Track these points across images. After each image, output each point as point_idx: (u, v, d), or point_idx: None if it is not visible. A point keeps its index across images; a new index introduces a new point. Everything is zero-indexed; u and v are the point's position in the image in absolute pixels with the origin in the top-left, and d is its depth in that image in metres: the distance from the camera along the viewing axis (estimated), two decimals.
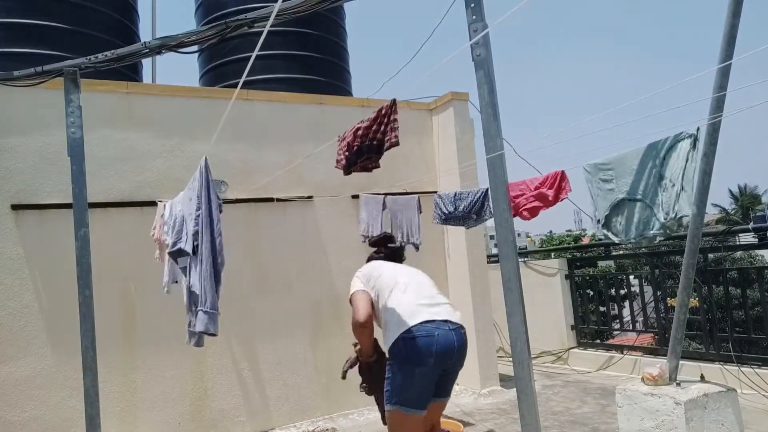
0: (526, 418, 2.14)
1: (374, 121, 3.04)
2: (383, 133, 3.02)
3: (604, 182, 3.38)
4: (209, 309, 2.68)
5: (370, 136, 3.07)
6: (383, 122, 3.00)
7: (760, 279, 5.26)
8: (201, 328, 2.68)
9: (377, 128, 3.03)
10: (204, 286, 2.69)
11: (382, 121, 3.00)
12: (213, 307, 2.69)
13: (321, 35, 6.88)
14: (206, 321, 2.68)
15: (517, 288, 2.17)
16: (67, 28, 5.46)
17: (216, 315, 2.71)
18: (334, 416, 5.11)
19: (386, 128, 3.00)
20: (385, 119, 2.99)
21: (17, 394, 4.11)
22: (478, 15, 2.15)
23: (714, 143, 3.31)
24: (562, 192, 4.11)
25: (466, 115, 5.89)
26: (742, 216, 34.73)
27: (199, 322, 2.69)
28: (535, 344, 5.40)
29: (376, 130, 3.03)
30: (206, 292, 2.69)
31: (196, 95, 5.04)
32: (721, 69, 3.22)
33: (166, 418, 4.55)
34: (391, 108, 2.96)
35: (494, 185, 2.22)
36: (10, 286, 4.19)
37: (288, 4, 2.51)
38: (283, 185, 5.16)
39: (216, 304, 2.71)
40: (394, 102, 2.95)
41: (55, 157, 4.35)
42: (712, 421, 3.26)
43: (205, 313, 2.68)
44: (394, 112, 2.97)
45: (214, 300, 2.70)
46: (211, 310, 2.69)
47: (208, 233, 2.73)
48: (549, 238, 35.94)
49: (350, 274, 5.33)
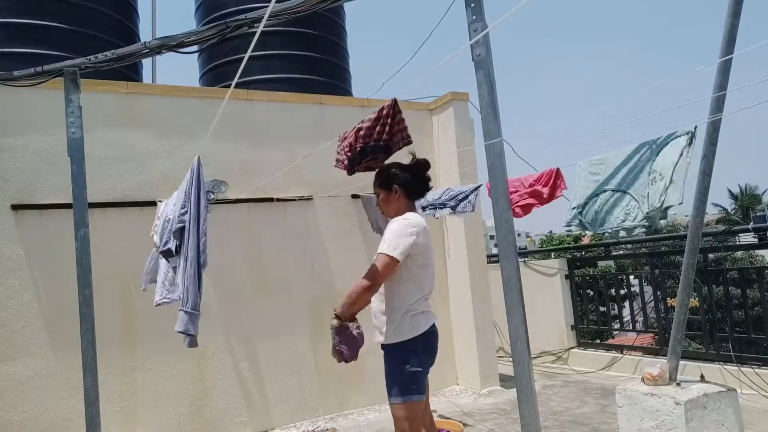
0: (526, 418, 2.14)
1: (376, 121, 3.00)
2: (390, 133, 2.97)
3: (592, 175, 3.42)
4: (190, 309, 2.65)
5: (374, 136, 3.02)
6: (386, 122, 2.96)
7: (760, 279, 5.26)
8: (180, 328, 2.66)
9: (381, 129, 2.98)
10: (187, 286, 2.67)
11: (385, 122, 2.96)
12: (194, 308, 2.67)
13: (321, 35, 6.88)
14: (186, 321, 2.65)
15: (517, 288, 2.17)
16: (67, 28, 5.46)
17: (197, 316, 2.68)
18: (334, 416, 5.11)
19: (393, 129, 2.95)
20: (387, 119, 2.95)
21: (17, 394, 4.11)
22: (478, 15, 2.15)
23: (714, 143, 3.31)
24: (557, 189, 4.13)
25: (466, 115, 5.89)
26: (742, 216, 34.73)
27: (179, 321, 2.66)
28: (535, 344, 5.40)
29: (381, 131, 2.98)
30: (188, 292, 2.66)
31: (196, 95, 5.04)
32: (720, 68, 3.22)
33: (166, 418, 4.55)
34: (394, 108, 2.93)
35: (494, 185, 2.22)
36: (10, 286, 4.19)
37: (288, 4, 2.51)
38: (283, 185, 5.16)
39: (197, 305, 2.68)
40: (395, 102, 2.93)
41: (55, 157, 4.35)
42: (712, 421, 3.26)
43: (186, 313, 2.65)
44: (399, 112, 2.93)
45: (195, 301, 2.67)
46: (192, 311, 2.66)
47: (195, 233, 2.70)
48: (549, 238, 35.92)
49: (350, 274, 5.38)
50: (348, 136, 3.24)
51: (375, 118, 3.01)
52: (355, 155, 3.17)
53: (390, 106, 2.93)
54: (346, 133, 3.32)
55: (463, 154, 5.73)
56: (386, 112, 2.94)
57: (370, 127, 3.03)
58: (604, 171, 3.34)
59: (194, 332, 2.67)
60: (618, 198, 3.19)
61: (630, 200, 3.10)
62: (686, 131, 2.93)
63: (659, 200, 2.89)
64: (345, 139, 3.29)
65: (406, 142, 2.96)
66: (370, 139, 3.04)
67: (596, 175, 3.38)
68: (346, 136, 3.30)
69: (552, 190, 4.12)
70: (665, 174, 2.91)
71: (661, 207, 2.88)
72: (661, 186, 2.92)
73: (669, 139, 2.97)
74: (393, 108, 2.93)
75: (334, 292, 5.33)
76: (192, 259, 2.69)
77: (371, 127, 3.03)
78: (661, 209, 2.89)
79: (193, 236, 2.71)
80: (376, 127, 3.00)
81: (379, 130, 2.99)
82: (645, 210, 2.96)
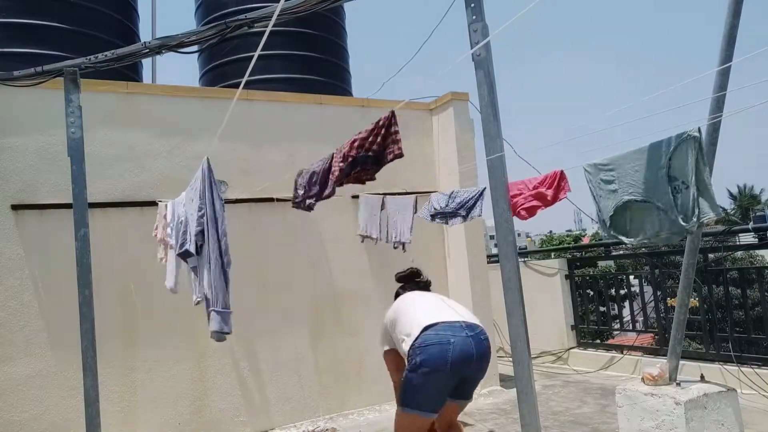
0: (526, 418, 2.14)
1: (371, 132, 2.99)
2: (381, 145, 2.94)
3: (606, 183, 3.34)
4: (221, 308, 2.75)
5: (366, 146, 3.01)
6: (380, 133, 2.93)
7: (760, 279, 5.26)
8: (215, 328, 2.77)
9: (374, 139, 2.96)
10: (215, 286, 2.75)
11: (379, 132, 2.93)
12: (225, 306, 2.77)
13: (321, 35, 6.88)
14: (219, 320, 2.77)
15: (517, 288, 2.17)
16: (67, 28, 5.46)
17: (228, 314, 2.79)
18: (334, 416, 5.11)
19: (386, 141, 2.93)
20: (382, 130, 2.92)
21: (17, 394, 4.11)
22: (478, 15, 2.16)
23: (714, 143, 3.31)
24: (561, 192, 4.10)
25: (466, 115, 5.89)
26: (741, 216, 34.74)
27: (213, 321, 2.77)
28: (535, 344, 5.39)
29: (373, 141, 2.96)
30: (217, 292, 2.76)
31: (196, 95, 5.04)
32: (720, 69, 3.22)
33: (166, 418, 4.55)
34: (391, 120, 2.91)
35: (494, 185, 2.22)
36: (10, 286, 4.19)
37: (288, 4, 2.51)
38: (283, 185, 5.16)
39: (228, 303, 2.79)
40: (393, 114, 2.90)
41: (55, 157, 4.35)
42: (712, 421, 3.26)
43: (218, 313, 2.75)
44: (395, 124, 2.91)
45: (225, 299, 2.78)
46: (224, 309, 2.76)
47: (215, 234, 2.78)
48: (549, 238, 35.91)
49: (350, 273, 5.40)
50: (343, 148, 3.24)
51: (371, 130, 2.99)
52: (346, 166, 3.17)
53: (387, 118, 2.91)
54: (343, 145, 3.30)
55: (463, 153, 5.73)
56: (382, 123, 2.92)
57: (365, 138, 3.02)
58: (618, 178, 3.25)
59: (229, 330, 2.76)
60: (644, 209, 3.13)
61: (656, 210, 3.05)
62: (692, 135, 2.89)
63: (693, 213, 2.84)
64: (340, 151, 3.28)
65: (397, 155, 2.92)
66: (362, 149, 3.03)
67: (610, 183, 3.31)
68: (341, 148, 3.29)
69: (556, 192, 4.10)
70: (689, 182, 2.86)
71: (698, 220, 2.84)
72: (689, 195, 2.86)
73: (679, 141, 2.93)
74: (390, 119, 2.90)
75: (334, 291, 5.33)
76: (216, 259, 2.76)
77: (365, 138, 3.01)
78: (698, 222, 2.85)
79: (212, 237, 2.77)
80: (369, 138, 2.99)
81: (371, 140, 2.97)
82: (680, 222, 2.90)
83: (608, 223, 3.34)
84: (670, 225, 2.99)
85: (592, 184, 3.43)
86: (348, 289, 5.36)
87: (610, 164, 3.33)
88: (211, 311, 2.78)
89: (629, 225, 3.26)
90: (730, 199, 39.08)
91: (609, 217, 3.32)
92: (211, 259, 2.77)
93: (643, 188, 3.11)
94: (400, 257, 4.73)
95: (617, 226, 3.32)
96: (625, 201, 3.22)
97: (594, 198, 3.45)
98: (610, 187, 3.30)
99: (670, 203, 2.96)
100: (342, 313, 5.34)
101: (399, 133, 2.90)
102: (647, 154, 3.10)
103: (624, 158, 3.26)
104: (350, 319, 5.35)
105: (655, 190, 3.04)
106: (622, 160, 3.26)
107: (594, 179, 3.41)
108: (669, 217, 2.99)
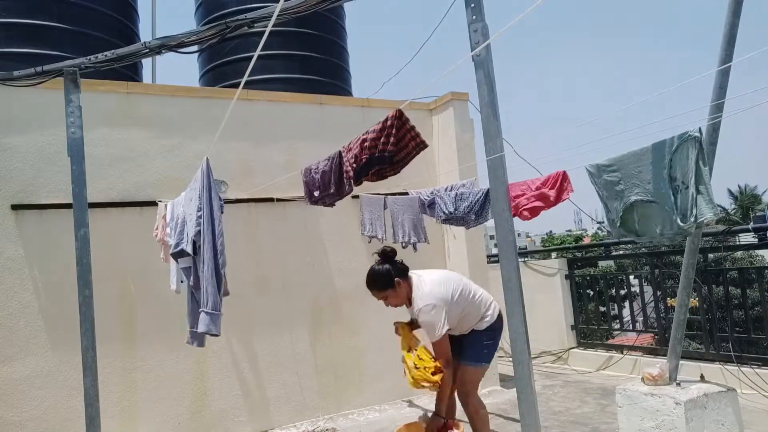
0: (526, 418, 2.14)
1: (381, 132, 2.94)
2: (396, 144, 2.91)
3: (612, 184, 3.32)
4: (210, 310, 2.72)
5: (380, 147, 2.97)
6: (390, 133, 2.88)
7: (760, 279, 5.25)
8: (203, 329, 2.72)
9: (386, 140, 2.92)
10: (206, 287, 2.73)
11: (390, 132, 2.88)
12: (215, 308, 2.74)
13: (321, 35, 6.88)
14: (208, 322, 2.73)
15: (517, 288, 2.17)
16: (67, 28, 5.46)
17: (218, 315, 2.75)
18: (334, 416, 5.11)
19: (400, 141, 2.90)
20: (392, 130, 2.87)
21: (17, 394, 4.11)
22: (478, 15, 2.15)
23: (714, 143, 3.31)
24: (564, 192, 4.09)
25: (466, 115, 5.89)
26: (741, 216, 34.72)
27: (201, 323, 2.74)
28: (535, 344, 5.40)
29: (386, 142, 2.92)
30: (208, 293, 2.73)
31: (196, 95, 5.04)
32: (720, 69, 3.22)
33: (166, 418, 4.55)
34: (399, 119, 2.85)
35: (494, 185, 2.23)
36: (10, 286, 4.19)
37: (288, 4, 2.51)
38: (283, 185, 5.16)
39: (218, 304, 2.75)
40: (400, 112, 2.86)
41: (55, 157, 4.35)
42: (712, 421, 3.26)
43: (207, 314, 2.72)
44: (407, 121, 2.88)
45: (215, 301, 2.74)
46: (213, 311, 2.73)
47: (210, 234, 2.76)
48: (549, 238, 35.92)
49: (350, 273, 5.39)
50: (353, 148, 3.20)
51: (379, 129, 2.94)
52: (361, 167, 3.14)
53: (394, 117, 2.87)
54: (350, 144, 3.27)
55: (463, 153, 5.73)
56: (390, 123, 2.88)
57: (375, 138, 2.97)
58: (623, 179, 3.25)
59: (216, 332, 2.76)
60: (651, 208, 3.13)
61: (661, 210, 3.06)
62: (694, 136, 2.88)
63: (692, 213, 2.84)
64: (350, 151, 3.25)
65: (420, 148, 2.92)
66: (376, 150, 3.00)
67: (616, 184, 3.30)
68: (350, 147, 3.25)
69: (558, 193, 4.08)
70: (688, 182, 2.86)
71: (696, 221, 2.84)
72: (688, 195, 2.86)
73: (681, 141, 2.93)
74: (399, 119, 2.87)
75: (334, 291, 5.33)
76: (209, 260, 2.74)
77: (376, 138, 2.97)
78: (695, 222, 2.85)
79: (208, 238, 2.75)
80: (380, 138, 2.95)
81: (383, 141, 2.94)
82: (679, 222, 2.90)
83: (618, 223, 3.34)
84: (671, 225, 3.00)
85: (597, 185, 3.42)
86: (348, 289, 5.36)
87: (613, 165, 3.30)
88: (200, 312, 2.75)
89: (638, 224, 3.26)
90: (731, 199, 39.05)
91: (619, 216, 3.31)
92: (205, 259, 2.75)
93: (648, 188, 3.11)
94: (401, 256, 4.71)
95: (626, 225, 3.32)
96: (632, 201, 3.21)
97: (600, 198, 3.44)
98: (617, 187, 3.29)
99: (671, 203, 2.96)
100: (342, 313, 5.35)
101: (415, 128, 2.90)
102: (650, 154, 3.09)
103: (626, 158, 3.24)
104: (350, 319, 5.36)
105: (659, 190, 3.04)
106: (625, 160, 3.24)
107: (598, 180, 3.40)
108: (670, 217, 2.99)
